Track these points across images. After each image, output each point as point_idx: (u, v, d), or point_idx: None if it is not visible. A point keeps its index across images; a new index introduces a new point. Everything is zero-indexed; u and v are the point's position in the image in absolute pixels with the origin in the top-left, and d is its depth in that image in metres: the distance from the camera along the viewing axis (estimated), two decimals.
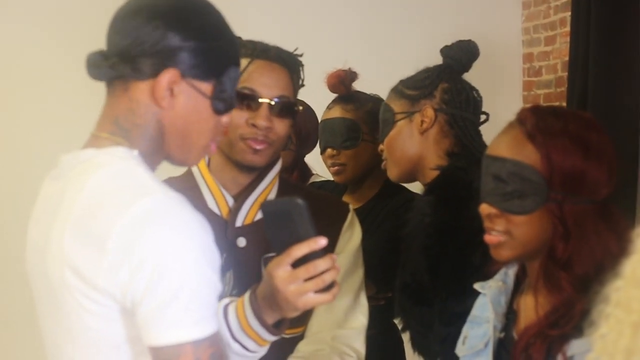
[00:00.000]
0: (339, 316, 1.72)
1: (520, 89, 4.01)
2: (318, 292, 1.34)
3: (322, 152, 2.47)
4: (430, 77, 1.92)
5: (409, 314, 1.89)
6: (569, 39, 3.42)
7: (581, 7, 3.26)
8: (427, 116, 1.88)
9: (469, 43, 1.97)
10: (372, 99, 2.49)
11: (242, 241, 1.70)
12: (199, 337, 1.15)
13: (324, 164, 2.50)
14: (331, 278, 1.34)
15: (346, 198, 2.43)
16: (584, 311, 1.19)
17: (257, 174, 1.74)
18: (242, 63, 1.66)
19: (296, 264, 1.34)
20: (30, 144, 3.56)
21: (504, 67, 3.91)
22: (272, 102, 1.68)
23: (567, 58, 3.42)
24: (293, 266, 1.34)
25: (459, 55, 1.95)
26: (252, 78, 1.68)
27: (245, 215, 1.72)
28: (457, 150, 1.88)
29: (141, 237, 1.13)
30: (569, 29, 3.45)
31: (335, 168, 2.43)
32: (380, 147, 2.02)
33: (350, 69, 2.46)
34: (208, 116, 1.30)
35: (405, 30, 3.88)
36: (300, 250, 1.33)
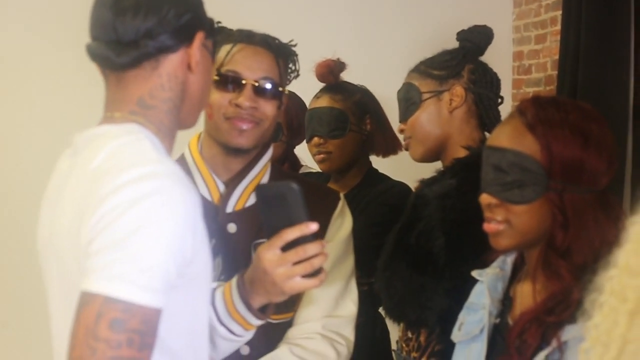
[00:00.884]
0: (329, 304, 1.72)
1: (510, 87, 4.02)
2: (305, 277, 1.36)
3: (309, 140, 2.48)
4: (457, 58, 1.95)
5: (397, 274, 1.86)
6: (559, 38, 3.43)
7: (572, 6, 3.28)
8: (457, 95, 1.92)
9: (485, 28, 2.02)
10: (360, 90, 2.51)
11: (232, 227, 1.70)
12: (116, 296, 1.05)
13: (309, 152, 2.51)
14: (319, 263, 1.35)
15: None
16: (581, 299, 1.20)
17: (249, 160, 1.73)
18: (226, 47, 1.68)
19: (286, 248, 1.35)
20: (23, 141, 3.51)
21: (493, 65, 3.87)
22: (256, 83, 1.67)
23: (557, 57, 3.44)
24: (283, 250, 1.35)
25: (478, 38, 1.99)
26: (235, 60, 1.69)
27: (236, 201, 1.71)
28: (482, 132, 1.93)
29: (123, 194, 1.10)
30: (559, 27, 3.46)
31: (321, 156, 2.44)
32: (400, 126, 2.02)
33: (339, 59, 2.48)
34: (211, 74, 1.37)
35: (395, 24, 3.88)
36: (291, 233, 1.34)
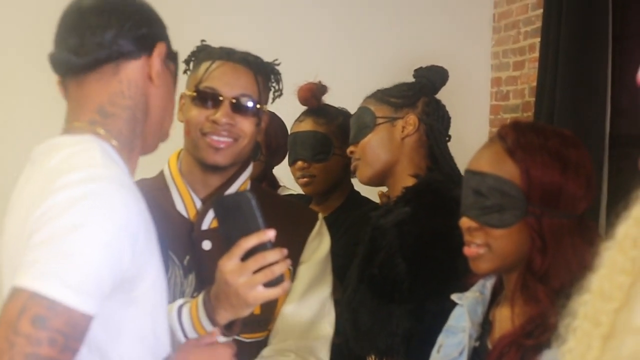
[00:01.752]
0: (304, 325, 1.72)
1: (488, 112, 4.06)
2: (268, 286, 1.35)
3: (292, 164, 2.48)
4: (413, 90, 2.02)
5: (364, 306, 1.87)
6: (537, 65, 3.48)
7: (550, 34, 3.32)
8: (410, 123, 1.97)
9: (441, 68, 2.09)
10: (342, 113, 2.52)
11: (207, 244, 1.69)
12: (43, 293, 1.01)
13: (292, 176, 2.50)
14: (280, 270, 1.35)
15: None
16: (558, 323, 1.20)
17: (228, 177, 1.73)
18: (205, 64, 1.68)
19: (245, 257, 1.35)
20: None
21: (472, 90, 3.95)
22: (234, 100, 1.68)
23: (535, 84, 3.48)
24: (243, 260, 1.35)
25: (434, 77, 2.05)
26: (213, 77, 1.69)
27: (212, 218, 1.70)
28: (430, 162, 1.97)
29: (66, 192, 1.08)
30: (537, 54, 3.51)
31: (305, 179, 2.44)
32: (350, 148, 2.06)
33: (320, 82, 2.49)
34: (174, 96, 1.35)
35: (376, 49, 3.92)
36: (249, 242, 1.35)
